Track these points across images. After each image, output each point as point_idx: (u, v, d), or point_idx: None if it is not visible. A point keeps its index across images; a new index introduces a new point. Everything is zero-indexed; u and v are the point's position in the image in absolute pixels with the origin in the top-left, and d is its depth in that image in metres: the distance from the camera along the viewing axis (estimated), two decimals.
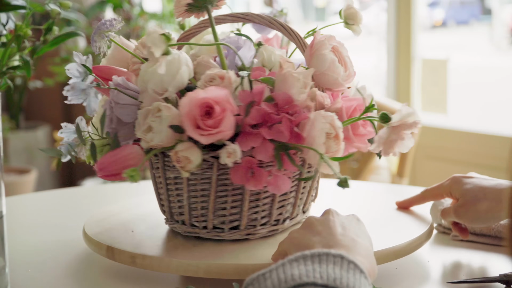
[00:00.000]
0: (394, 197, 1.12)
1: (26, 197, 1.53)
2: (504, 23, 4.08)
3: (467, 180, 0.99)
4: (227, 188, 0.89)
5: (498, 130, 2.89)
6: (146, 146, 0.85)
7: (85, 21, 3.30)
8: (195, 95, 0.81)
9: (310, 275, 0.60)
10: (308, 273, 0.61)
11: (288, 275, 0.60)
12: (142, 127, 0.85)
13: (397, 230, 0.99)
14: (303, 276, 0.60)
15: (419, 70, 3.17)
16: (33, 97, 3.81)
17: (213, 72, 0.86)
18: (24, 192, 3.17)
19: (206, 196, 0.90)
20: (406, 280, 0.91)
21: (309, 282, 0.60)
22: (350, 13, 0.96)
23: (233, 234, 0.92)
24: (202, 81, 0.86)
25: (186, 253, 0.89)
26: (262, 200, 0.91)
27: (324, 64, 0.88)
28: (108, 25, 0.91)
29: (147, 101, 0.86)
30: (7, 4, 0.95)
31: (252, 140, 0.82)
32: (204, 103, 0.81)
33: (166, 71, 0.83)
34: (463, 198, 0.97)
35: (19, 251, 1.03)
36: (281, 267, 0.61)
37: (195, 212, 0.92)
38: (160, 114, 0.83)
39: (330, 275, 0.61)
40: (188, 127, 0.81)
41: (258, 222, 0.92)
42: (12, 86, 1.00)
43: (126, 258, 0.90)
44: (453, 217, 0.98)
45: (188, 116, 0.81)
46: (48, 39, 1.00)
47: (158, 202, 0.98)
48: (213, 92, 0.81)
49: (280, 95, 0.83)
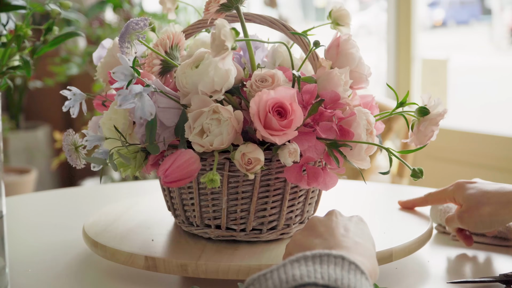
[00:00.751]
0: (394, 197, 1.12)
1: (26, 197, 1.53)
2: (504, 23, 4.08)
3: (470, 186, 0.99)
4: (269, 188, 0.90)
5: (498, 130, 2.89)
6: (203, 150, 0.84)
7: (85, 21, 3.30)
8: (267, 96, 0.81)
9: (311, 275, 0.60)
10: (309, 273, 0.61)
11: (289, 275, 0.60)
12: (195, 130, 0.84)
13: (397, 230, 0.99)
14: (304, 276, 0.60)
15: (419, 70, 3.17)
16: (33, 97, 3.81)
17: (262, 72, 0.86)
18: (24, 192, 3.17)
19: (247, 198, 0.90)
20: (406, 280, 0.91)
21: (310, 282, 0.60)
22: (341, 15, 0.96)
23: (271, 234, 0.93)
24: (253, 81, 0.86)
25: (190, 254, 0.89)
26: (297, 199, 0.93)
27: (353, 62, 0.91)
28: (142, 25, 0.88)
29: (196, 103, 0.84)
30: (7, 4, 0.95)
31: (307, 139, 0.83)
32: (276, 104, 0.81)
33: (215, 72, 0.83)
34: (467, 203, 0.97)
35: (19, 251, 1.03)
36: (282, 267, 0.61)
37: (234, 215, 0.91)
38: (218, 116, 0.83)
39: (331, 276, 0.61)
40: (260, 127, 0.81)
41: (292, 221, 0.94)
42: (12, 86, 1.00)
43: (126, 258, 0.90)
44: (457, 223, 0.98)
45: (259, 117, 0.81)
46: (48, 39, 1.00)
47: (179, 208, 0.95)
48: (283, 92, 0.82)
49: (329, 93, 0.85)
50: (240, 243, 0.93)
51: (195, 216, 0.93)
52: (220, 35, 0.81)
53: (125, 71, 0.84)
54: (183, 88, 0.86)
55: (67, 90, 0.91)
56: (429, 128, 0.91)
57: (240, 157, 0.83)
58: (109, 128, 0.89)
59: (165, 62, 0.90)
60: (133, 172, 0.89)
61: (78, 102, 0.92)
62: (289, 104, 0.82)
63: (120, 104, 0.83)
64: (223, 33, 0.81)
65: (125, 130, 0.88)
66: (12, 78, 2.82)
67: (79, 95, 0.91)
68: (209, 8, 0.88)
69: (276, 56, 0.96)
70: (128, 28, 0.87)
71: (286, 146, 0.83)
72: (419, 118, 0.91)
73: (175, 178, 0.83)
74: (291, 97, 0.82)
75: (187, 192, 0.93)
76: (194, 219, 0.94)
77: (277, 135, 0.81)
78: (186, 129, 0.84)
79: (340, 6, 0.96)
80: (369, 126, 0.87)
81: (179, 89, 0.87)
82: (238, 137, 0.85)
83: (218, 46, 0.82)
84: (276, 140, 0.81)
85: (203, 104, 0.84)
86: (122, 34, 0.88)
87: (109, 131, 0.88)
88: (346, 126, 0.86)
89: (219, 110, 0.83)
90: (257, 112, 0.81)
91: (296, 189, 0.92)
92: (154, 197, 1.15)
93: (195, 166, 0.83)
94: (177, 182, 0.84)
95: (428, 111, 0.91)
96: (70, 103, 0.91)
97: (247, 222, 0.91)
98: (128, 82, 0.83)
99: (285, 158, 0.83)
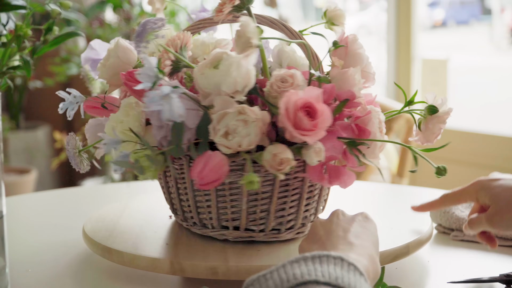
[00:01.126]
0: (394, 197, 1.12)
1: (26, 197, 1.53)
2: (504, 23, 4.08)
3: (495, 184, 0.92)
4: (288, 188, 0.91)
5: (498, 130, 2.89)
6: (230, 151, 0.83)
7: (85, 21, 3.30)
8: (295, 96, 0.81)
9: (312, 273, 0.61)
10: (310, 272, 0.61)
11: (290, 274, 0.60)
12: (220, 132, 0.83)
13: (397, 231, 0.99)
14: (305, 274, 0.60)
15: (419, 70, 3.17)
16: (33, 97, 3.81)
17: (282, 72, 0.86)
18: (24, 192, 3.17)
19: (266, 198, 0.90)
20: (406, 280, 0.91)
21: (311, 280, 0.60)
22: (336, 15, 0.97)
23: (288, 234, 0.93)
24: (274, 81, 0.85)
25: (214, 256, 0.88)
26: (313, 198, 0.94)
27: (362, 62, 0.92)
28: (160, 25, 0.86)
29: (219, 104, 0.84)
30: (7, 4, 0.95)
31: (329, 138, 0.84)
32: (305, 104, 0.82)
33: (237, 72, 0.82)
34: (496, 204, 0.90)
35: (19, 251, 1.03)
36: (281, 268, 0.62)
37: (253, 216, 0.91)
38: (244, 117, 0.82)
39: (332, 274, 0.61)
40: (290, 128, 0.81)
41: (307, 220, 0.95)
42: (12, 86, 1.00)
43: (125, 259, 0.90)
44: (485, 225, 0.92)
45: (289, 117, 0.81)
46: (48, 39, 1.00)
47: (193, 211, 0.94)
48: (311, 92, 0.82)
49: (346, 93, 0.86)
50: (258, 243, 0.93)
51: (211, 218, 0.93)
52: (247, 33, 0.81)
53: (150, 72, 0.81)
54: (204, 90, 0.85)
55: (66, 93, 0.90)
56: (437, 126, 0.93)
57: (271, 158, 0.83)
58: (122, 131, 0.87)
59: (175, 63, 0.89)
60: (155, 176, 0.87)
61: (74, 104, 0.90)
62: (318, 103, 0.82)
63: (148, 106, 0.80)
64: (250, 30, 0.81)
65: (139, 133, 0.87)
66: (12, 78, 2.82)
67: (79, 97, 0.90)
68: (224, 9, 0.88)
69: (283, 56, 0.97)
70: (146, 27, 0.86)
71: (311, 145, 0.83)
72: (426, 116, 0.92)
73: (209, 180, 0.83)
74: (317, 97, 0.83)
75: (203, 194, 0.92)
76: (210, 221, 0.93)
77: (308, 135, 0.82)
78: (210, 131, 0.84)
79: (335, 6, 0.97)
80: (381, 125, 0.89)
81: (199, 90, 0.86)
82: (263, 138, 0.85)
83: (244, 44, 0.82)
84: (307, 139, 0.82)
85: (226, 105, 0.84)
86: (139, 33, 0.86)
87: (122, 134, 0.87)
88: (361, 124, 0.87)
89: (246, 111, 0.82)
90: (286, 112, 0.81)
91: (312, 188, 0.93)
92: (153, 197, 1.15)
93: (226, 168, 0.83)
94: (211, 183, 0.83)
95: (437, 109, 0.92)
96: (65, 105, 0.90)
97: (267, 223, 0.92)
98: (153, 83, 0.81)
99: (311, 157, 0.83)
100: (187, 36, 0.90)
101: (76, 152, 0.90)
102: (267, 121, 0.84)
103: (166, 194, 0.99)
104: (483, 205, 0.93)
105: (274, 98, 0.85)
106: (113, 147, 0.85)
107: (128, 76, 0.88)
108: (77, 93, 0.90)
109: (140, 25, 0.87)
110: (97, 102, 0.96)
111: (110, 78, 0.96)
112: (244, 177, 0.81)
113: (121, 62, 0.94)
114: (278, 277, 0.61)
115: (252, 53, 0.82)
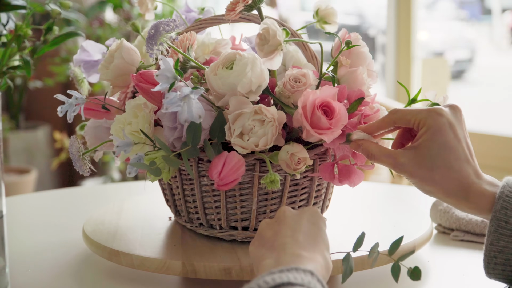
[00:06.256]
0: (394, 197, 1.12)
1: (26, 197, 1.53)
2: (504, 23, 4.08)
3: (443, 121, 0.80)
4: (297, 188, 0.91)
5: (498, 130, 2.89)
6: (246, 151, 0.83)
7: (85, 21, 3.30)
8: (313, 95, 0.82)
9: (284, 277, 0.62)
10: (281, 277, 0.63)
11: (261, 282, 0.62)
12: (235, 132, 0.83)
13: (397, 231, 0.99)
14: (276, 279, 0.62)
15: (419, 70, 3.17)
16: (33, 97, 3.81)
17: (294, 72, 0.86)
18: (24, 192, 3.17)
19: (276, 198, 0.91)
20: (406, 280, 0.90)
21: (284, 282, 0.62)
22: (328, 13, 0.97)
23: None
24: (287, 80, 0.86)
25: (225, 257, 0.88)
26: (320, 197, 0.95)
27: (365, 61, 0.92)
28: (173, 27, 0.86)
29: (234, 104, 0.84)
30: (7, 4, 0.95)
31: (340, 137, 0.84)
32: (323, 103, 0.82)
33: (252, 73, 0.82)
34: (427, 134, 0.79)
35: (19, 251, 1.03)
36: (252, 282, 0.63)
37: (263, 216, 0.91)
38: (261, 117, 0.82)
39: (304, 279, 0.64)
40: (308, 127, 0.81)
41: None
42: (12, 86, 1.00)
43: (135, 261, 0.89)
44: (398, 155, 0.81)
45: (306, 116, 0.81)
46: (48, 39, 1.00)
47: (200, 212, 0.93)
48: (328, 91, 0.83)
49: (356, 92, 0.87)
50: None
51: (219, 219, 0.92)
52: (276, 36, 0.82)
53: (168, 74, 0.80)
54: (218, 90, 0.85)
55: (64, 96, 0.89)
56: None
57: (288, 158, 0.83)
58: (130, 132, 0.87)
59: (182, 64, 0.89)
60: (168, 177, 0.87)
61: (75, 106, 0.90)
62: (334, 102, 0.83)
63: (167, 108, 0.79)
64: (279, 33, 0.82)
65: (149, 134, 0.86)
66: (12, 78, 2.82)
67: (80, 99, 0.90)
68: (236, 8, 0.88)
69: (287, 56, 0.96)
70: (159, 29, 0.85)
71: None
72: None
73: (229, 180, 0.83)
74: (333, 96, 0.83)
75: (211, 195, 0.91)
76: (218, 222, 0.93)
77: (325, 134, 0.82)
78: (226, 131, 0.84)
79: (327, 5, 0.97)
80: None
81: (212, 91, 0.85)
82: (279, 138, 0.85)
83: (271, 46, 0.82)
84: (325, 138, 0.82)
85: (241, 105, 0.84)
86: (152, 36, 0.86)
87: (131, 136, 0.86)
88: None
89: (262, 110, 0.82)
90: (304, 111, 0.81)
91: (320, 187, 0.94)
92: (153, 197, 1.15)
93: (243, 168, 0.84)
94: (230, 184, 0.83)
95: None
96: (64, 108, 0.89)
97: None
98: (171, 84, 0.80)
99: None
100: (193, 36, 0.90)
101: (80, 155, 0.90)
102: (283, 121, 0.84)
103: (168, 195, 0.99)
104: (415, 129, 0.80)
105: (287, 98, 0.86)
106: (125, 149, 0.84)
107: (140, 77, 0.87)
108: (78, 94, 0.89)
109: (152, 27, 0.86)
110: (96, 104, 0.96)
111: (115, 80, 0.95)
112: (265, 177, 0.82)
113: (126, 63, 0.94)
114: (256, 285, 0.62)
115: (276, 56, 0.83)
